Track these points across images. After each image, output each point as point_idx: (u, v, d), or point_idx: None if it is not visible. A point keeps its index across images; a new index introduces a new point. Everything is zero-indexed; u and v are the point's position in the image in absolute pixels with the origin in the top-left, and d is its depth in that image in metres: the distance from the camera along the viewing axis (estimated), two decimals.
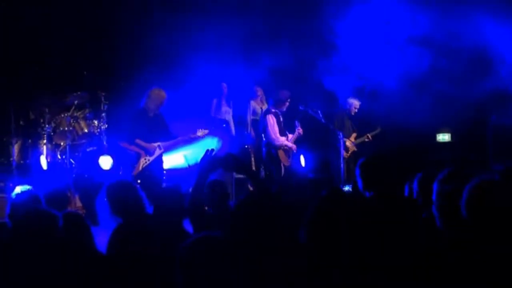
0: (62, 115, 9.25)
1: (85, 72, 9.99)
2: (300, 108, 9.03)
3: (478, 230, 2.67)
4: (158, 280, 3.59)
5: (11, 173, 8.81)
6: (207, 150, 3.67)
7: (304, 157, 9.35)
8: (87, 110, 9.52)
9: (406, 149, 9.98)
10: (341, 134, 9.13)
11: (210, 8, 10.24)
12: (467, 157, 9.99)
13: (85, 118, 9.34)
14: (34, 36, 10.19)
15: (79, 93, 9.49)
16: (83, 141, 9.22)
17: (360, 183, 3.80)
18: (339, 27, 9.50)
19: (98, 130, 9.13)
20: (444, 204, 3.09)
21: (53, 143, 9.22)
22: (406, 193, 4.23)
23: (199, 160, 3.72)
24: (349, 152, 9.88)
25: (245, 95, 10.33)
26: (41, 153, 8.99)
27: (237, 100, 10.22)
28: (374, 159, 3.82)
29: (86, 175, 8.65)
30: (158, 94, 8.37)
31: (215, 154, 3.65)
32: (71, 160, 9.03)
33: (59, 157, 9.13)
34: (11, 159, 9.08)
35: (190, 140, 8.65)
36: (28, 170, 8.84)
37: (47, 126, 9.07)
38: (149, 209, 4.19)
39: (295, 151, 9.10)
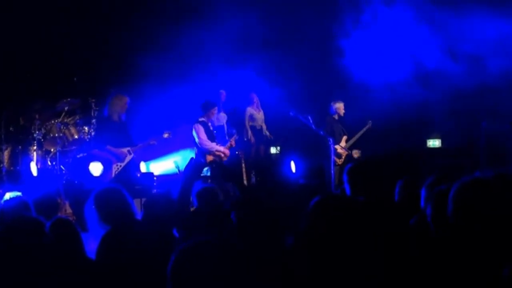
0: (53, 121, 9.23)
1: (75, 79, 9.99)
2: (291, 114, 9.02)
3: (464, 230, 2.68)
4: (148, 286, 3.59)
5: (1, 180, 8.78)
6: (192, 158, 3.69)
7: (295, 163, 9.35)
8: (77, 116, 9.51)
9: (397, 154, 10.00)
10: (331, 140, 9.11)
11: (207, 12, 10.29)
12: (457, 162, 10.03)
13: (75, 125, 9.32)
14: (24, 42, 10.18)
15: (69, 99, 9.48)
16: (73, 147, 9.19)
17: (348, 189, 3.81)
18: (336, 28, 9.57)
19: (89, 136, 9.10)
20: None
21: (43, 149, 9.19)
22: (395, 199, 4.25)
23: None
24: (343, 157, 9.82)
25: (243, 101, 10.39)
26: (31, 160, 8.96)
27: (233, 107, 10.28)
28: (361, 165, 3.83)
29: (76, 182, 8.62)
30: (120, 100, 8.41)
31: (199, 161, 3.67)
32: (61, 166, 9.00)
33: (49, 163, 9.10)
34: (1, 165, 9.04)
35: (158, 143, 8.70)
36: (18, 177, 8.81)
37: (37, 132, 9.04)
38: (138, 216, 4.17)
39: (226, 157, 9.10)
